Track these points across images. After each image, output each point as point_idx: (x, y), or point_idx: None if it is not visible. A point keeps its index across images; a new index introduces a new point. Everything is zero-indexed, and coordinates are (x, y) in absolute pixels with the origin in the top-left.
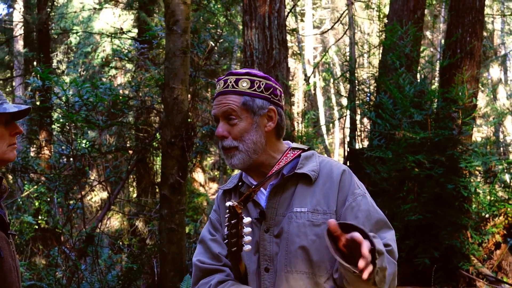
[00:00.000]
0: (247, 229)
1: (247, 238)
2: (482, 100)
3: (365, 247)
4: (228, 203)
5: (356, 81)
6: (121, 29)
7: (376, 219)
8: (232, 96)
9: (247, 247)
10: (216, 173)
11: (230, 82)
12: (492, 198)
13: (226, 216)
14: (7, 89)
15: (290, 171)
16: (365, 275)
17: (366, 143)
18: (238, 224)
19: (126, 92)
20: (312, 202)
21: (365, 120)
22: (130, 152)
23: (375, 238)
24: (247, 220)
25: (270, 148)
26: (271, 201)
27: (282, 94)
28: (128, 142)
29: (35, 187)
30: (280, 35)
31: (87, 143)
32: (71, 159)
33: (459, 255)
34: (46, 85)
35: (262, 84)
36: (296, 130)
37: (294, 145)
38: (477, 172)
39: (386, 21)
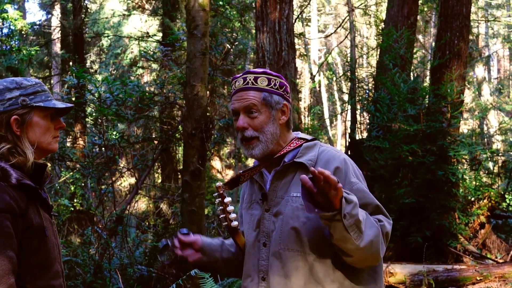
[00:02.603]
0: (231, 207)
1: (233, 215)
2: (468, 96)
3: (326, 171)
4: (216, 184)
5: (356, 79)
6: (147, 33)
7: (374, 204)
8: (252, 92)
9: (235, 223)
10: (231, 161)
11: (250, 79)
12: (477, 183)
13: (214, 194)
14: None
15: (291, 159)
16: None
17: (365, 134)
18: (222, 202)
19: (152, 89)
20: None
21: (365, 114)
22: (155, 142)
23: (350, 194)
24: (227, 199)
25: (281, 139)
26: (273, 185)
27: (290, 91)
28: (154, 133)
29: (71, 173)
30: (288, 38)
31: (117, 134)
32: (103, 148)
33: (448, 234)
34: (81, 83)
35: (277, 82)
36: (303, 123)
37: (301, 135)
38: (464, 160)
39: (383, 26)
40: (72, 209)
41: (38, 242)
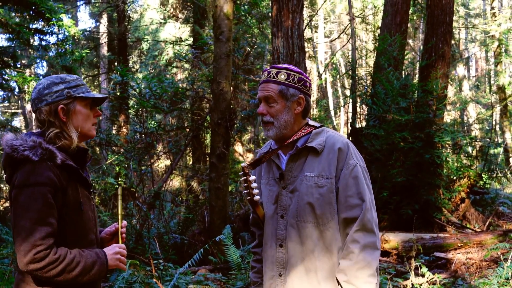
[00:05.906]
0: (254, 184)
1: (256, 191)
2: (451, 91)
3: None
4: (242, 164)
5: (356, 77)
6: (181, 38)
7: (361, 187)
8: (272, 84)
9: (257, 197)
10: (251, 146)
11: (272, 73)
12: (458, 165)
13: (240, 173)
14: (95, 83)
15: (303, 144)
16: None
17: (364, 123)
18: (247, 180)
19: (184, 85)
20: (319, 168)
21: (363, 106)
22: (187, 130)
23: None
24: (252, 177)
25: (296, 125)
26: (288, 166)
27: (311, 86)
28: (186, 122)
29: (116, 156)
30: (299, 42)
31: (155, 123)
32: (143, 135)
33: (433, 207)
34: (124, 80)
35: (296, 77)
36: (311, 114)
37: (311, 122)
38: (447, 145)
39: (379, 32)
40: (117, 186)
41: (74, 215)
